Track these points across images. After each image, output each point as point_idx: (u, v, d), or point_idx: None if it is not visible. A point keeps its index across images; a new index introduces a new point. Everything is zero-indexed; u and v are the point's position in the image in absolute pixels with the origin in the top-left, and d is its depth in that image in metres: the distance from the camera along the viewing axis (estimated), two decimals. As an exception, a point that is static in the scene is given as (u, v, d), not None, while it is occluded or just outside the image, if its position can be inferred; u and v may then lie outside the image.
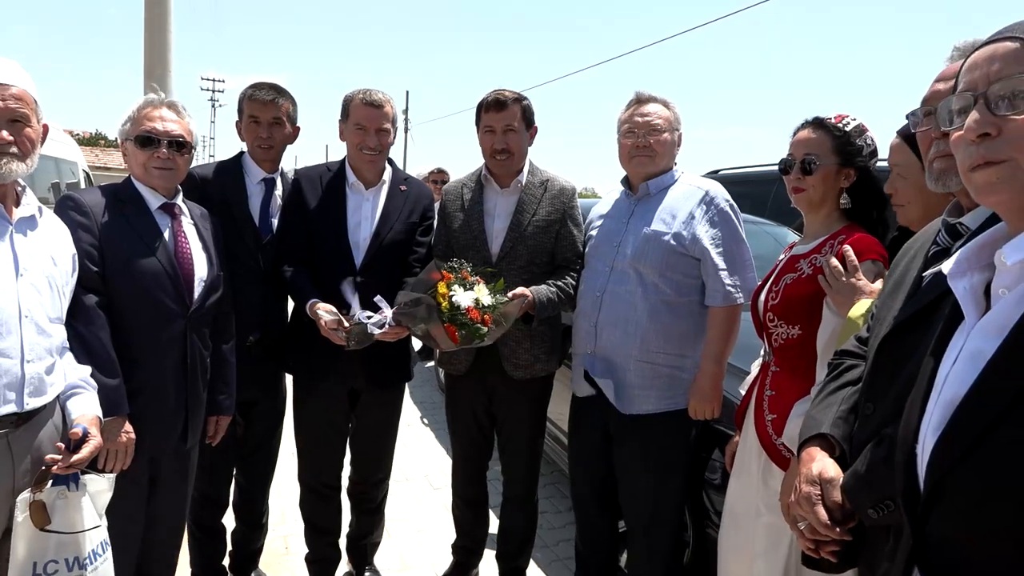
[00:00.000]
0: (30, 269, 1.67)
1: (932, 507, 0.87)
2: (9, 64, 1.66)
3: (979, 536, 0.81)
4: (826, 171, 1.91)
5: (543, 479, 3.94)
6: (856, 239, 1.83)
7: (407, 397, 6.07)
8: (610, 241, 2.42)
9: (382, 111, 2.48)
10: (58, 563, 1.65)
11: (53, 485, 1.66)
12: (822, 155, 1.91)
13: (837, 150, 1.91)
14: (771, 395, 1.94)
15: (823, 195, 1.93)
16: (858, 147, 1.92)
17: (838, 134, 1.92)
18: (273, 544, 3.13)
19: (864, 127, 1.96)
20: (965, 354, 0.89)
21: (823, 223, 1.96)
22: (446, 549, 2.94)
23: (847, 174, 1.92)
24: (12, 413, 1.60)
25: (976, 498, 0.81)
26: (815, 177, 1.91)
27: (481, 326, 2.19)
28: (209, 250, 2.18)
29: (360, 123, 2.47)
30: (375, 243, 2.49)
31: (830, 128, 1.93)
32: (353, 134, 2.49)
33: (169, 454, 2.11)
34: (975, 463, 0.81)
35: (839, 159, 1.91)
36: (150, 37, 7.27)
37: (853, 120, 1.96)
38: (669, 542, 2.41)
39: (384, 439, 2.75)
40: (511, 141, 2.49)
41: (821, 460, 1.19)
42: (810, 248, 1.95)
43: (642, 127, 2.36)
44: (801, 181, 1.93)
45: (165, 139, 2.06)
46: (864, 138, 1.93)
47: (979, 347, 0.86)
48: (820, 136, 1.93)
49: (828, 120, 1.95)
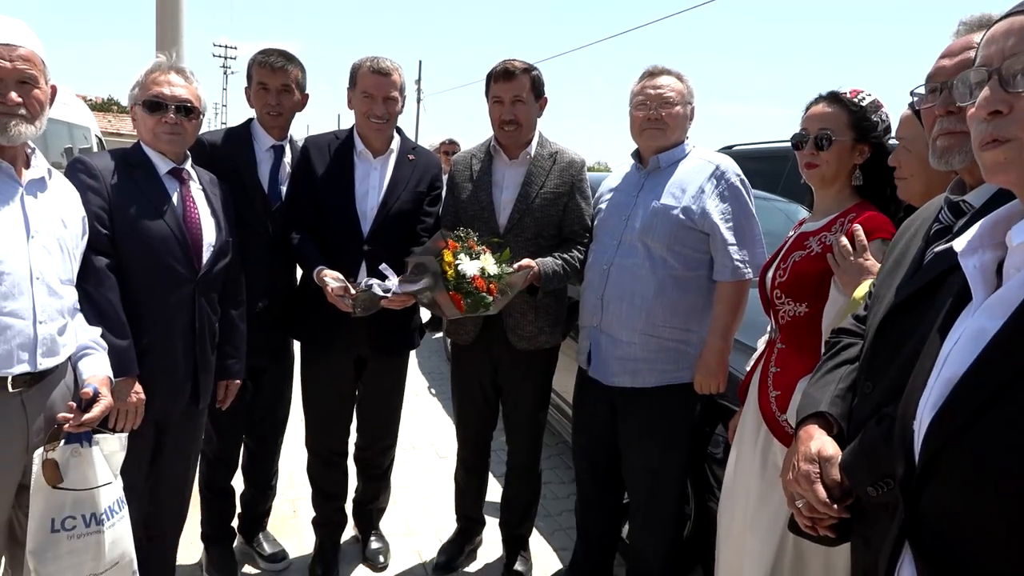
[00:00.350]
0: (41, 231, 1.69)
1: (925, 483, 0.87)
2: (16, 24, 1.65)
3: (970, 513, 0.82)
4: (841, 147, 1.88)
5: (547, 450, 3.98)
6: (867, 217, 1.80)
7: (415, 367, 6.12)
8: (619, 214, 2.41)
9: (390, 79, 2.46)
10: (75, 519, 1.69)
11: (66, 443, 1.69)
12: (837, 130, 1.87)
13: (853, 125, 1.88)
14: (776, 372, 1.94)
15: (836, 171, 1.90)
16: (873, 123, 1.89)
17: (854, 109, 1.88)
18: (281, 507, 3.20)
19: (879, 103, 1.92)
20: (968, 333, 0.88)
21: (834, 200, 1.94)
22: (450, 516, 2.99)
23: (861, 150, 1.89)
24: (26, 373, 1.64)
25: (968, 475, 0.81)
26: (829, 153, 1.88)
27: (486, 295, 2.20)
28: (218, 215, 2.19)
29: (367, 91, 2.45)
30: (382, 212, 2.50)
31: (846, 103, 1.89)
32: (360, 102, 2.48)
33: (177, 416, 2.14)
34: (969, 441, 0.81)
35: (854, 134, 1.87)
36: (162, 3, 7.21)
37: (868, 95, 1.92)
38: (671, 515, 2.43)
39: (390, 406, 2.78)
40: (519, 112, 2.47)
41: (820, 438, 1.19)
42: (820, 225, 1.92)
43: (654, 99, 2.33)
44: (815, 156, 1.90)
45: (173, 104, 2.06)
46: (879, 114, 1.90)
47: (982, 326, 0.86)
48: (835, 111, 1.90)
49: (843, 94, 1.91)
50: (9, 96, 1.60)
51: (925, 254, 1.21)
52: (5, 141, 1.62)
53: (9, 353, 1.60)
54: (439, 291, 2.20)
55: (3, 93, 1.60)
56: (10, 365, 1.60)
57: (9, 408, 1.64)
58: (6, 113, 1.61)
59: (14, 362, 1.61)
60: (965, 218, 1.17)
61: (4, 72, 1.60)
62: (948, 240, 1.14)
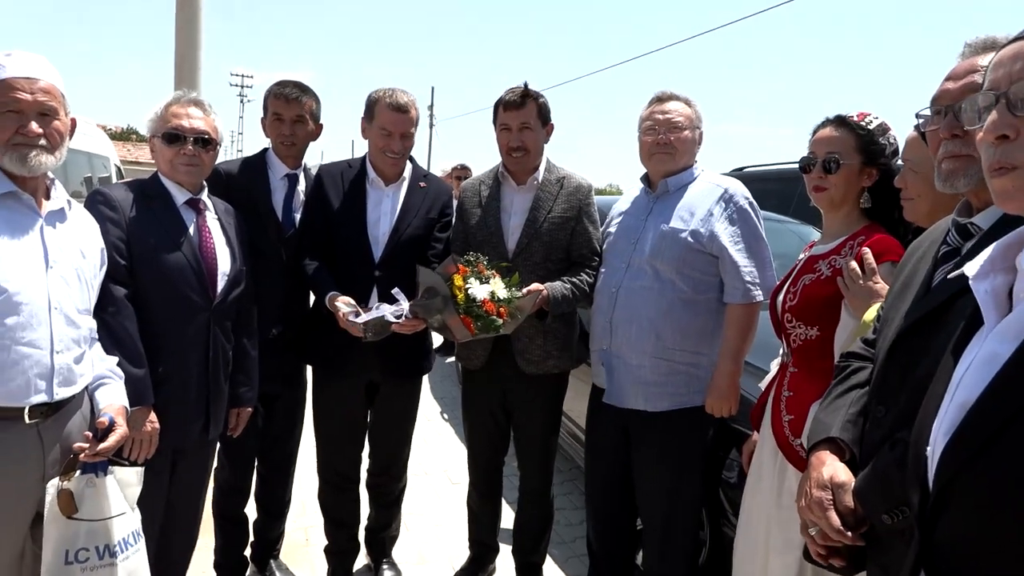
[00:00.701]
0: (59, 261, 1.71)
1: (941, 511, 0.86)
2: (37, 59, 1.69)
3: (987, 540, 0.80)
4: (849, 170, 1.88)
5: (561, 475, 3.95)
6: (876, 240, 1.80)
7: (427, 392, 6.10)
8: (628, 238, 2.42)
9: (408, 116, 2.51)
10: (89, 551, 1.68)
11: (82, 473, 1.69)
12: (845, 154, 1.88)
13: (860, 149, 1.88)
14: (789, 396, 1.93)
15: (844, 194, 1.90)
16: (881, 146, 1.89)
17: (861, 132, 1.89)
18: (294, 535, 3.18)
19: (887, 125, 1.93)
20: (980, 357, 0.87)
21: (843, 222, 1.94)
22: (464, 544, 2.97)
23: (869, 173, 1.89)
24: (43, 403, 1.64)
25: (984, 502, 0.80)
26: (837, 176, 1.89)
27: (496, 318, 2.21)
28: (232, 245, 2.23)
29: (385, 127, 2.49)
30: (394, 239, 2.53)
31: (853, 126, 1.90)
32: (378, 137, 2.52)
33: (190, 445, 2.15)
34: (984, 466, 0.80)
35: (862, 158, 1.88)
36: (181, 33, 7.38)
37: (876, 118, 1.93)
38: (685, 541, 2.40)
39: (401, 432, 2.78)
40: (527, 139, 2.50)
41: (832, 464, 1.18)
42: (829, 248, 1.92)
43: (662, 124, 2.35)
44: (823, 180, 1.90)
45: (191, 136, 2.10)
46: (887, 137, 1.91)
47: (995, 350, 0.85)
48: (843, 134, 1.90)
49: (850, 118, 1.92)
50: (30, 127, 1.64)
51: (933, 276, 1.20)
52: (27, 172, 1.65)
53: (27, 383, 1.61)
54: (450, 315, 2.22)
55: (24, 124, 1.63)
56: (27, 395, 1.61)
57: (25, 439, 1.64)
58: (27, 144, 1.64)
59: (31, 392, 1.62)
60: (973, 240, 1.16)
61: (25, 104, 1.63)
62: (958, 263, 1.14)
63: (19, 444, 1.63)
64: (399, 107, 2.49)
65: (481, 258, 2.33)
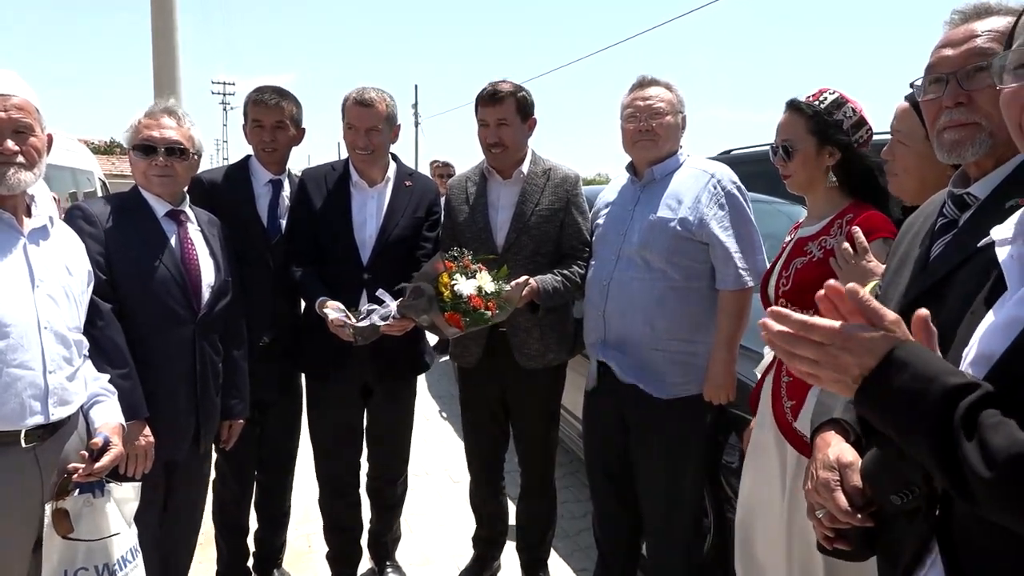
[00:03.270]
0: (46, 280, 1.68)
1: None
2: (7, 74, 1.66)
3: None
4: (805, 154, 1.88)
5: (563, 468, 3.94)
6: (865, 217, 1.79)
7: (425, 391, 6.08)
8: (616, 229, 2.40)
9: (372, 110, 2.47)
10: (88, 570, 1.67)
11: (80, 493, 1.68)
12: (797, 138, 1.88)
13: (812, 130, 1.87)
14: (789, 381, 1.90)
15: (809, 178, 1.90)
16: (836, 122, 1.87)
17: (810, 113, 1.88)
18: (296, 543, 3.17)
19: (844, 99, 1.90)
20: (1000, 321, 0.86)
21: (825, 202, 1.92)
22: (467, 543, 2.96)
23: (830, 152, 1.87)
24: (39, 425, 1.62)
25: None
26: (795, 162, 1.89)
27: (485, 311, 2.20)
28: (216, 256, 2.20)
29: (351, 123, 2.48)
30: (381, 240, 2.51)
31: (803, 108, 1.90)
32: (346, 134, 2.51)
33: (184, 458, 2.13)
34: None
35: (816, 139, 1.87)
36: (158, 44, 7.33)
37: (832, 94, 1.90)
38: (689, 528, 2.39)
39: (398, 434, 2.77)
40: (504, 135, 2.47)
41: (837, 445, 1.16)
42: (818, 229, 1.91)
43: (644, 111, 2.32)
44: (784, 167, 1.91)
45: (163, 146, 2.07)
46: (843, 111, 1.88)
47: (1016, 315, 0.84)
48: (794, 118, 1.91)
49: (801, 101, 1.91)
50: (6, 145, 1.61)
51: (931, 251, 1.18)
52: (5, 191, 1.62)
53: (21, 405, 1.58)
54: (435, 313, 2.20)
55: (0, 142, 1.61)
56: (23, 418, 1.59)
57: (23, 463, 1.62)
58: (4, 163, 1.61)
59: (27, 414, 1.59)
60: (970, 211, 1.14)
61: (0, 122, 1.61)
62: (956, 235, 1.12)
63: (17, 469, 1.61)
64: (362, 101, 2.46)
65: (466, 253, 2.31)
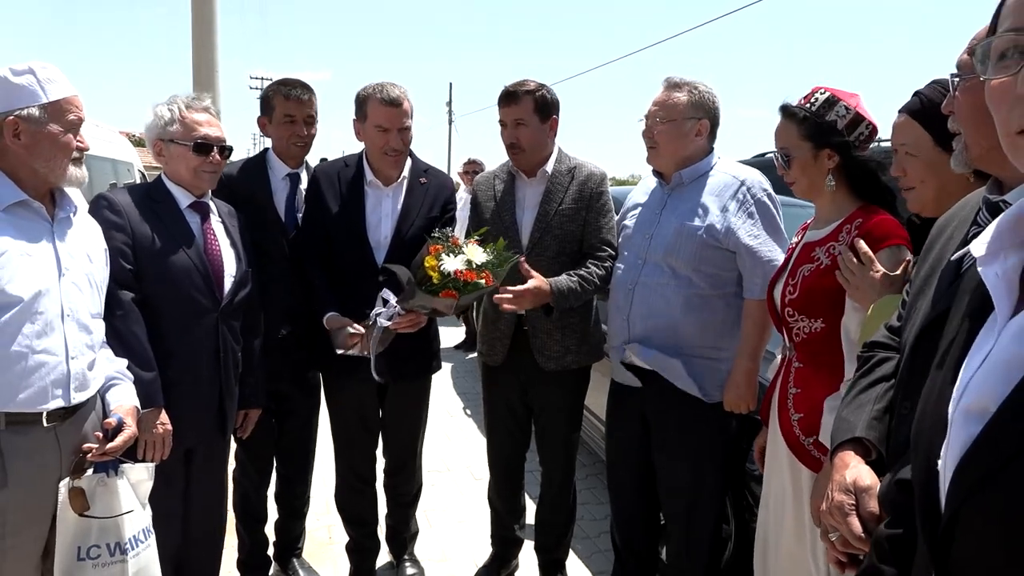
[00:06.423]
0: (71, 268, 1.73)
1: (953, 530, 0.73)
2: (59, 72, 1.71)
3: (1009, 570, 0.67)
4: (801, 160, 1.81)
5: (584, 470, 3.91)
6: (875, 224, 1.70)
7: (450, 388, 6.09)
8: (643, 232, 2.35)
9: (401, 108, 2.41)
10: (100, 548, 1.72)
11: (94, 473, 1.73)
12: (791, 145, 1.82)
13: (805, 135, 1.80)
14: (796, 392, 1.84)
15: (810, 183, 1.83)
16: (829, 123, 1.79)
17: (801, 116, 1.81)
18: (317, 533, 3.20)
19: (836, 97, 1.80)
20: (996, 359, 0.71)
21: (832, 206, 1.83)
22: (486, 540, 2.94)
23: (829, 155, 1.79)
24: (60, 408, 1.67)
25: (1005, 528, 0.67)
26: (794, 169, 1.83)
27: (479, 281, 2.17)
28: (237, 246, 2.23)
29: (381, 124, 2.39)
30: (396, 241, 2.46)
31: (794, 113, 1.83)
32: (375, 136, 2.42)
33: (205, 444, 2.16)
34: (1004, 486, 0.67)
35: (811, 143, 1.79)
36: (197, 39, 7.45)
37: (823, 94, 1.82)
38: (709, 534, 2.34)
39: (412, 431, 2.75)
40: (521, 135, 2.43)
41: (856, 467, 1.10)
42: (825, 234, 1.82)
43: (649, 116, 2.29)
44: (786, 175, 1.85)
45: (217, 145, 2.13)
46: (835, 110, 1.79)
47: (1016, 352, 0.69)
48: (787, 124, 1.84)
49: (793, 104, 1.84)
50: (84, 141, 1.73)
51: (963, 260, 1.12)
52: (75, 184, 1.73)
53: (44, 390, 1.63)
54: (424, 297, 2.19)
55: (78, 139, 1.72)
56: (45, 401, 1.64)
57: (44, 443, 1.67)
58: (76, 159, 1.72)
59: (48, 398, 1.64)
60: None
61: (80, 121, 1.72)
62: None
63: (38, 448, 1.66)
64: (391, 101, 2.38)
65: (450, 232, 2.28)
